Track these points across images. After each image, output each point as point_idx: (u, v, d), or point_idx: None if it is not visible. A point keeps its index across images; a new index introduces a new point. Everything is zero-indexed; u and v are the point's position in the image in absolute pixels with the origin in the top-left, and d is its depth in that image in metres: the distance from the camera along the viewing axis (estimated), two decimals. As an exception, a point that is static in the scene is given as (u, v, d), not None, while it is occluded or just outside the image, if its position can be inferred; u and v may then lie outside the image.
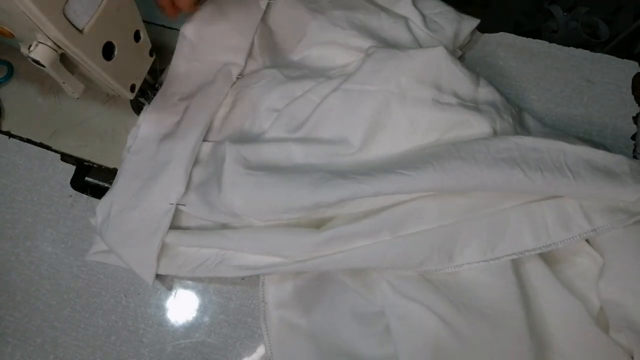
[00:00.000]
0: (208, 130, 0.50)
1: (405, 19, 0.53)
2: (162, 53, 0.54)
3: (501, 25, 0.58)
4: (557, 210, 0.41)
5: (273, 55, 0.53)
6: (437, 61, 0.45)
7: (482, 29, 0.57)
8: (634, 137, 0.51)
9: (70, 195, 0.51)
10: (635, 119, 0.51)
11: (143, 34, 0.45)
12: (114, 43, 0.41)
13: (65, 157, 0.53)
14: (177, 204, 0.45)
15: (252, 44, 0.53)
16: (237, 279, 0.47)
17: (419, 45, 0.51)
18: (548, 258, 0.42)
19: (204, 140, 0.49)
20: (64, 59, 0.39)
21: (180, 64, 0.52)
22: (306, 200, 0.40)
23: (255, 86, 0.50)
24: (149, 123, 0.50)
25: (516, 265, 0.41)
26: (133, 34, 0.43)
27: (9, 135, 0.54)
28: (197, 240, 0.44)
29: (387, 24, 0.52)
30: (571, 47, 0.55)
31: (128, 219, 0.45)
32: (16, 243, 0.50)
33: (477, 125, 0.44)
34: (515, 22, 1.05)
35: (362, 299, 0.43)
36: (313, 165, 0.44)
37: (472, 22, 0.54)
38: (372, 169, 0.41)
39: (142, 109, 0.52)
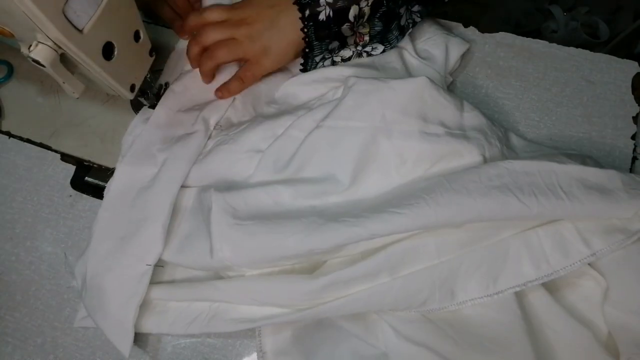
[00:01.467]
0: (189, 174, 0.47)
1: (398, 47, 0.52)
2: (162, 53, 0.54)
3: (501, 25, 0.58)
4: (554, 237, 0.40)
5: (257, 103, 0.52)
6: (420, 91, 0.44)
7: (482, 29, 0.57)
8: (634, 137, 0.51)
9: (70, 195, 0.51)
10: (635, 119, 0.51)
11: (143, 34, 0.45)
12: (114, 43, 0.41)
13: (65, 157, 0.53)
14: (155, 265, 0.43)
15: (235, 97, 0.52)
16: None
17: (407, 71, 0.51)
18: (550, 283, 0.41)
19: (185, 185, 0.47)
20: (64, 59, 0.39)
21: (162, 115, 0.50)
22: (299, 247, 0.39)
23: (235, 131, 0.49)
24: (123, 176, 0.48)
25: (519, 298, 0.40)
26: (133, 34, 0.43)
27: (9, 135, 0.54)
28: (188, 294, 0.43)
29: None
30: (571, 47, 0.55)
31: (103, 283, 0.43)
32: (16, 243, 0.50)
33: (467, 154, 0.43)
34: (515, 22, 1.05)
35: (364, 343, 0.41)
36: (303, 206, 0.43)
37: (461, 47, 0.53)
38: (364, 209, 0.40)
39: (141, 109, 0.52)
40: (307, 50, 0.50)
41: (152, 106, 0.51)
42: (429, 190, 0.39)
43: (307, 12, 0.48)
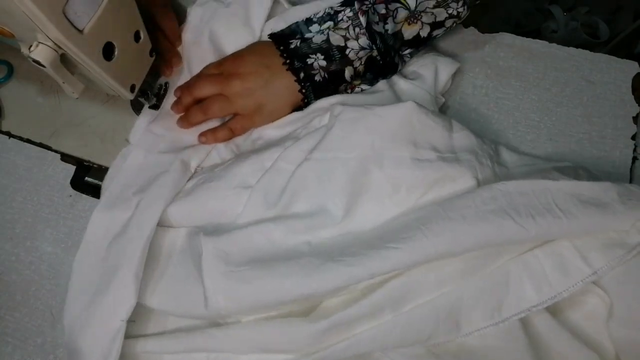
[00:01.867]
0: (173, 214, 0.46)
1: None
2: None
3: (501, 25, 0.58)
4: (553, 257, 0.39)
5: (241, 142, 0.51)
6: (408, 117, 0.43)
7: (482, 29, 0.57)
8: (634, 137, 0.51)
9: (70, 195, 0.51)
10: (635, 119, 0.51)
11: (143, 34, 0.45)
12: (114, 43, 0.41)
13: (65, 157, 0.53)
14: (129, 320, 0.40)
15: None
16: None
17: (396, 95, 0.49)
18: (553, 304, 0.40)
19: (171, 226, 0.46)
20: (64, 59, 0.39)
21: (140, 156, 0.49)
22: (297, 292, 0.38)
23: (220, 168, 0.47)
24: (97, 223, 0.46)
25: (524, 323, 0.39)
26: (133, 34, 0.43)
27: (9, 135, 0.54)
28: (183, 345, 0.41)
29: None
30: (571, 47, 0.55)
31: (78, 344, 0.41)
32: (16, 243, 0.50)
33: (460, 178, 0.42)
34: (515, 22, 1.05)
35: None
36: (296, 243, 0.41)
37: (451, 66, 0.52)
38: (361, 246, 0.39)
39: (141, 109, 0.52)
40: (304, 106, 0.50)
41: (152, 106, 0.52)
42: (424, 220, 0.39)
43: (302, 75, 0.48)
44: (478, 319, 0.39)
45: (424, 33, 0.49)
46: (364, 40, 0.47)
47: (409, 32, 0.48)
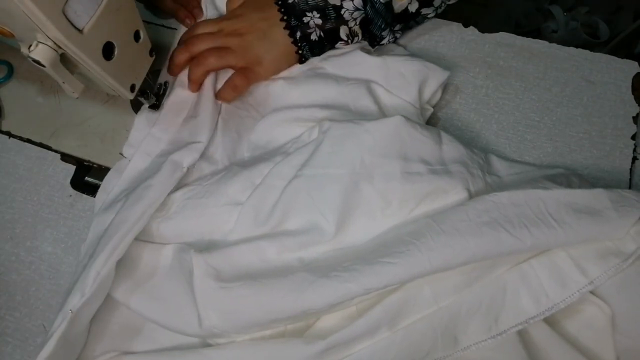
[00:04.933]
0: (163, 231, 0.45)
1: (367, 82, 0.50)
2: (162, 53, 0.54)
3: (501, 25, 0.58)
4: (549, 267, 0.39)
5: (232, 152, 0.50)
6: (397, 131, 0.43)
7: (482, 29, 0.57)
8: (634, 137, 0.51)
9: (70, 195, 0.51)
10: (635, 119, 0.51)
11: (143, 34, 0.45)
12: (114, 43, 0.41)
13: (65, 157, 0.53)
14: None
15: (214, 144, 0.49)
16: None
17: (380, 109, 0.49)
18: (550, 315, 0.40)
19: (160, 242, 0.44)
20: (64, 59, 0.39)
21: (139, 162, 0.48)
22: (291, 309, 0.38)
23: (209, 182, 0.46)
24: (94, 227, 0.45)
25: (522, 336, 0.39)
26: (133, 34, 0.43)
27: (9, 135, 0.54)
28: None
29: (348, 89, 0.49)
30: (571, 47, 0.55)
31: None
32: (16, 243, 0.50)
33: (451, 190, 0.42)
34: (515, 22, 1.05)
35: None
36: (290, 259, 0.41)
37: (440, 75, 0.50)
38: (354, 262, 0.38)
39: (141, 108, 0.52)
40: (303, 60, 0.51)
41: (152, 106, 0.51)
42: (418, 235, 0.38)
43: (299, 34, 0.48)
44: (476, 333, 0.38)
45: (412, 8, 0.49)
46: (358, 1, 0.48)
47: (398, 4, 0.48)
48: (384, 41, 0.51)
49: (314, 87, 0.50)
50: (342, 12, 0.48)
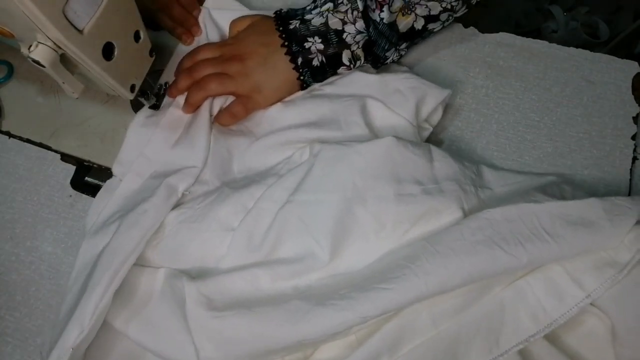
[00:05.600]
0: (153, 256, 0.44)
1: (361, 98, 0.49)
2: (162, 53, 0.54)
3: (501, 25, 0.58)
4: (545, 283, 0.39)
5: (222, 172, 0.48)
6: (388, 152, 0.43)
7: (482, 29, 0.57)
8: (634, 137, 0.51)
9: (70, 195, 0.51)
10: (635, 119, 0.51)
11: (143, 34, 0.45)
12: (114, 43, 0.41)
13: (65, 157, 0.53)
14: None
15: (206, 165, 0.48)
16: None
17: (371, 127, 0.48)
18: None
19: (150, 266, 0.44)
20: (64, 59, 0.39)
21: (131, 182, 0.47)
22: (287, 339, 0.37)
23: (201, 204, 0.45)
24: (84, 251, 0.45)
25: (523, 355, 0.38)
26: (133, 34, 0.43)
27: (9, 135, 0.54)
28: None
29: (341, 106, 0.49)
30: (571, 47, 0.55)
31: None
32: (16, 243, 0.50)
33: (445, 210, 0.42)
34: (515, 22, 1.05)
35: None
36: (284, 287, 0.41)
37: (439, 94, 0.49)
38: (350, 289, 0.38)
39: (141, 109, 0.52)
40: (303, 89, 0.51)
41: (153, 106, 0.52)
42: (413, 258, 0.38)
43: (300, 60, 0.48)
44: (477, 355, 0.38)
45: (418, 25, 0.48)
46: (360, 24, 0.47)
47: (403, 23, 0.48)
48: (388, 61, 0.51)
49: (307, 107, 0.49)
50: (344, 36, 0.47)
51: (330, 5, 0.48)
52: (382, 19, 0.47)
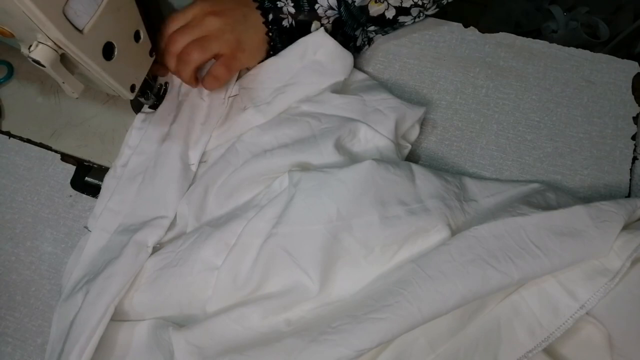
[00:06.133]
0: (136, 306, 0.42)
1: (342, 119, 0.48)
2: (162, 53, 0.54)
3: (501, 25, 0.58)
4: (539, 296, 0.39)
5: (200, 211, 0.47)
6: (369, 176, 0.42)
7: (482, 29, 0.57)
8: (634, 137, 0.51)
9: (70, 195, 0.51)
10: (635, 119, 0.51)
11: (143, 34, 0.45)
12: (114, 43, 0.41)
13: (65, 157, 0.53)
14: None
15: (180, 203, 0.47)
16: None
17: (352, 154, 0.47)
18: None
19: (134, 319, 0.42)
20: (64, 59, 0.39)
21: (98, 238, 0.46)
22: None
23: (182, 247, 0.44)
24: (56, 320, 0.43)
25: None
26: (133, 34, 0.43)
27: (9, 135, 0.54)
28: None
29: (319, 129, 0.47)
30: (571, 47, 0.55)
31: None
32: (16, 243, 0.50)
33: (432, 229, 0.41)
34: (515, 22, 1.05)
35: None
36: (275, 323, 0.40)
37: (415, 112, 0.49)
38: (344, 320, 0.37)
39: (141, 109, 0.52)
40: (271, 52, 0.50)
41: (152, 106, 0.51)
42: (405, 283, 0.37)
43: (271, 16, 0.48)
44: None
45: (389, 14, 0.49)
46: (333, 1, 0.47)
47: (375, 9, 0.48)
48: (358, 42, 0.50)
49: (284, 131, 0.48)
50: (315, 6, 0.48)
51: None
52: (353, 1, 0.47)
